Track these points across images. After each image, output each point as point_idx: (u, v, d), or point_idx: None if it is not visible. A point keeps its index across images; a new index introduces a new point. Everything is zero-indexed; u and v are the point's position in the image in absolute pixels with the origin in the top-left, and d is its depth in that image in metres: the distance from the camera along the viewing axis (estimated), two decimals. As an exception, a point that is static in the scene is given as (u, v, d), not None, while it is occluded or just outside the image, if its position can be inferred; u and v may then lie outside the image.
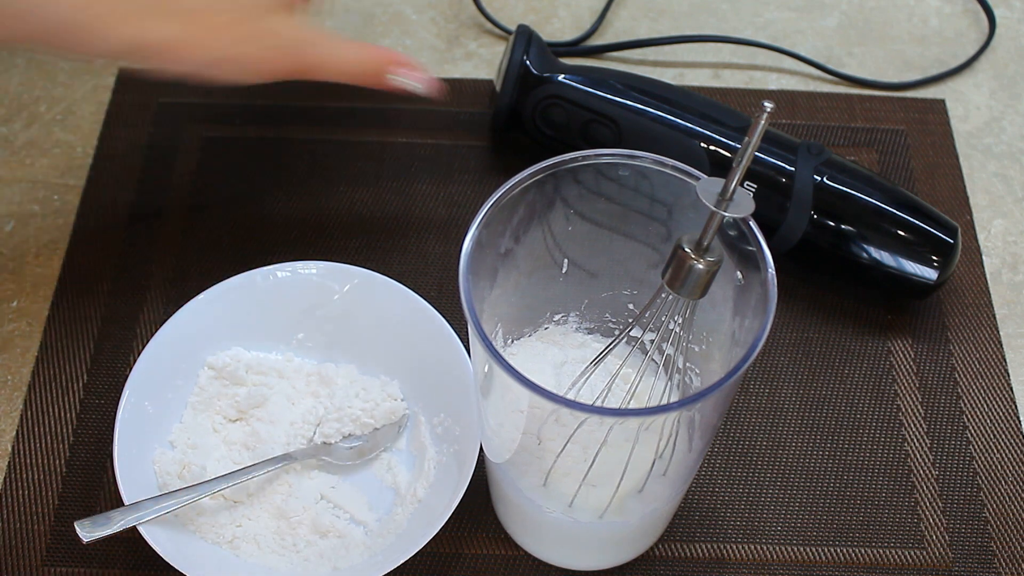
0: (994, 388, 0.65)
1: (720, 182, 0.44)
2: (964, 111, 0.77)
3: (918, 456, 0.62)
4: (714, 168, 0.65)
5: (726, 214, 0.44)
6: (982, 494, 0.61)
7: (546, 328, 0.57)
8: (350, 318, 0.62)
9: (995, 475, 0.62)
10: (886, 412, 0.64)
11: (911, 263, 0.64)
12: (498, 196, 0.47)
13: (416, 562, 0.55)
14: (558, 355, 0.56)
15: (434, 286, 0.66)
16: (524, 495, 0.53)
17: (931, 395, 0.64)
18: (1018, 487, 0.61)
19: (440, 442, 0.60)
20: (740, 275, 0.47)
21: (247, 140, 0.74)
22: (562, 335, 0.57)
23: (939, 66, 0.79)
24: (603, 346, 0.54)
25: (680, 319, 0.48)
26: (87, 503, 0.60)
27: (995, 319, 0.67)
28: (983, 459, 0.62)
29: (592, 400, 0.53)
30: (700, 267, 0.46)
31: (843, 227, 0.64)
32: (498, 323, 0.53)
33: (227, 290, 0.61)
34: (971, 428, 0.63)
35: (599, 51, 0.79)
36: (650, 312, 0.49)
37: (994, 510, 0.61)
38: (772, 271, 0.45)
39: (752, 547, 0.59)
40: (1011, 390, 0.65)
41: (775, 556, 0.59)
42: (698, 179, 0.47)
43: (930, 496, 0.61)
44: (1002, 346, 0.66)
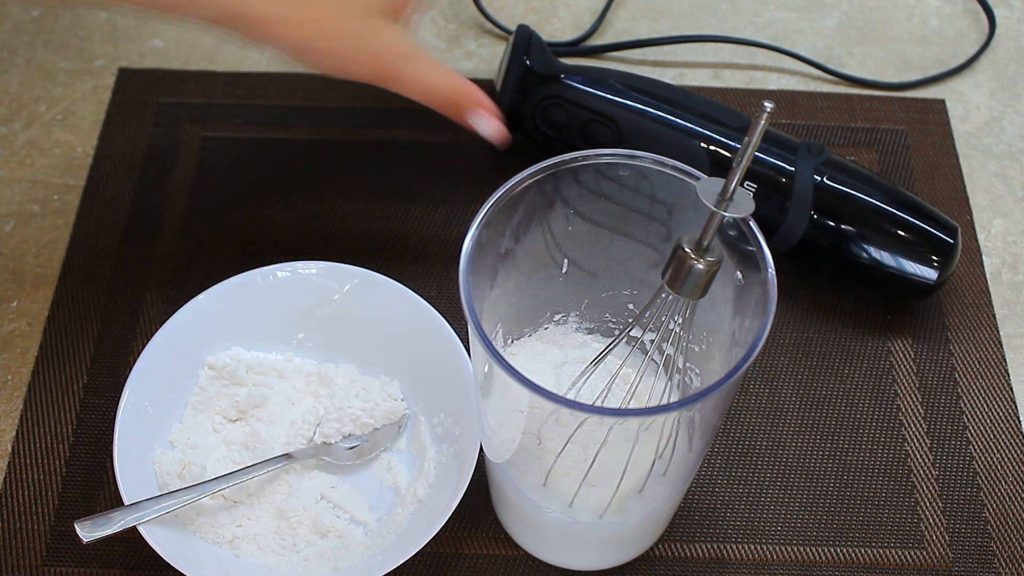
0: (994, 388, 0.65)
1: (720, 182, 0.44)
2: (964, 111, 0.77)
3: (918, 456, 0.62)
4: (714, 168, 0.65)
5: (726, 214, 0.44)
6: (982, 494, 0.61)
7: (546, 328, 0.57)
8: (350, 318, 0.62)
9: (995, 475, 0.62)
10: (886, 412, 0.64)
11: (911, 263, 0.64)
12: (498, 196, 0.47)
13: (416, 562, 0.55)
14: (558, 355, 0.56)
15: (434, 286, 0.66)
16: (524, 495, 0.53)
17: (931, 395, 0.64)
18: (1018, 487, 0.61)
19: (440, 442, 0.60)
20: (740, 275, 0.47)
21: (247, 140, 0.74)
22: (562, 335, 0.57)
23: (939, 66, 0.79)
24: (603, 346, 0.54)
25: (680, 319, 0.48)
26: (87, 503, 0.60)
27: (995, 319, 0.67)
28: (983, 459, 0.62)
29: (592, 400, 0.53)
30: (700, 267, 0.46)
31: (843, 227, 0.64)
32: (498, 323, 0.53)
33: (227, 290, 0.61)
34: (971, 428, 0.63)
35: (599, 51, 0.79)
36: (650, 312, 0.49)
37: (994, 510, 0.61)
38: (772, 271, 0.45)
39: (752, 547, 0.59)
40: (1011, 390, 0.65)
41: (775, 556, 0.59)
42: (698, 179, 0.47)
43: (930, 496, 0.61)
44: (1002, 346, 0.66)
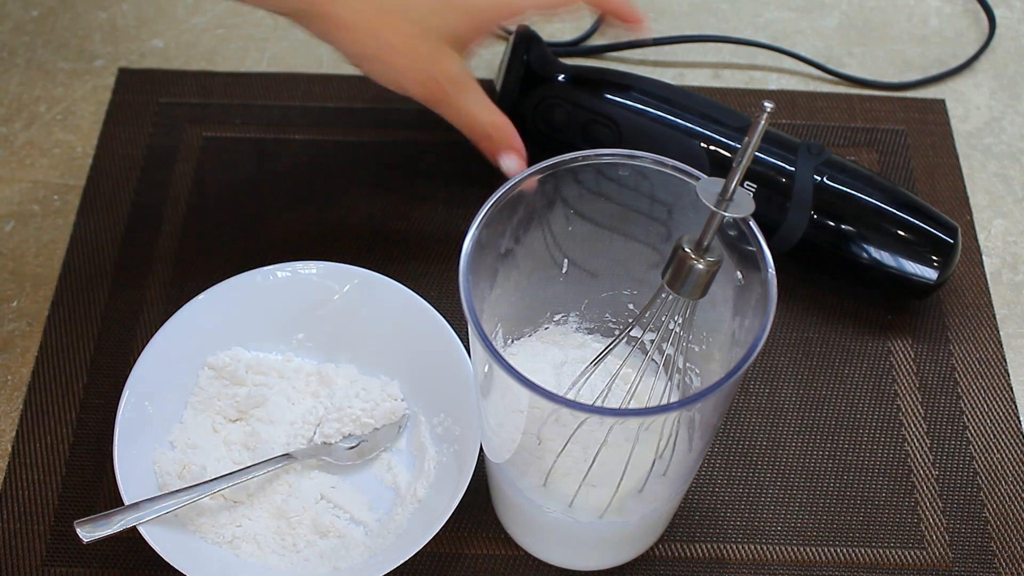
0: (994, 388, 0.65)
1: (720, 182, 0.44)
2: (964, 111, 0.77)
3: (918, 456, 0.62)
4: (714, 168, 0.64)
5: (726, 214, 0.44)
6: (982, 494, 0.61)
7: (546, 328, 0.57)
8: (350, 318, 0.62)
9: (995, 475, 0.62)
10: (886, 412, 0.64)
11: (911, 263, 0.64)
12: (498, 196, 0.47)
13: (416, 562, 0.55)
14: (558, 355, 0.56)
15: (434, 286, 0.66)
16: (524, 495, 0.53)
17: (931, 395, 0.64)
18: (1018, 487, 0.61)
19: (440, 442, 0.60)
20: (740, 275, 0.47)
21: (247, 140, 0.74)
22: (562, 335, 0.57)
23: (939, 66, 0.79)
24: (603, 346, 0.54)
25: (680, 319, 0.48)
26: (87, 503, 0.60)
27: (995, 319, 0.67)
28: (983, 459, 0.62)
29: (592, 400, 0.53)
30: (700, 267, 0.46)
31: (843, 227, 0.64)
32: (498, 323, 0.53)
33: (227, 290, 0.61)
34: (971, 428, 0.63)
35: (599, 51, 0.79)
36: (650, 312, 0.49)
37: (994, 510, 0.61)
38: (772, 271, 0.45)
39: (752, 547, 0.59)
40: (1011, 390, 0.65)
41: (775, 556, 0.59)
42: (698, 179, 0.47)
43: (930, 496, 0.61)
44: (1002, 346, 0.66)
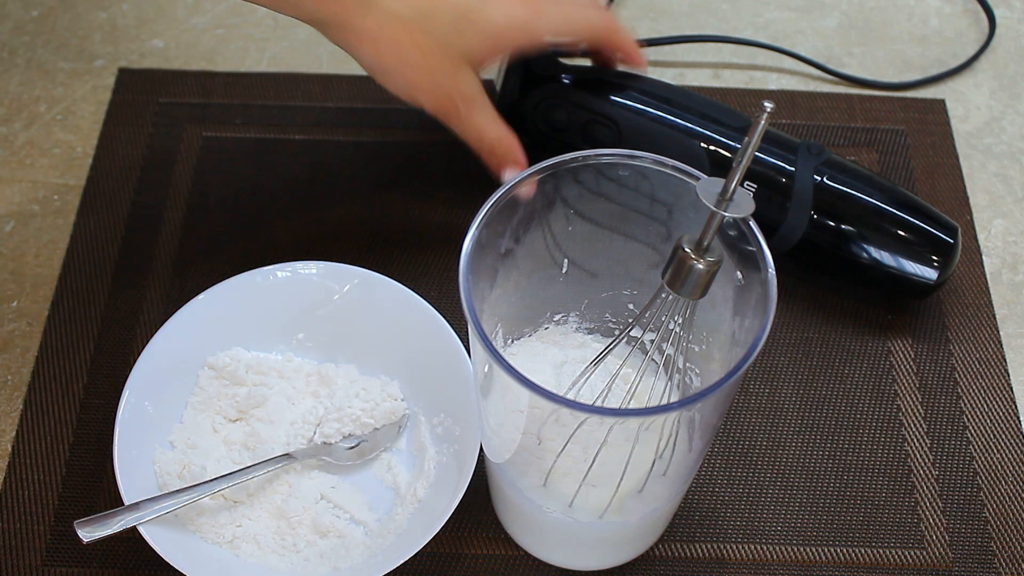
0: (994, 388, 0.65)
1: (720, 182, 0.44)
2: (964, 111, 0.77)
3: (918, 456, 0.62)
4: (714, 168, 0.64)
5: (726, 214, 0.44)
6: (982, 494, 0.61)
7: (546, 328, 0.57)
8: (350, 318, 0.62)
9: (995, 475, 0.62)
10: (886, 412, 0.64)
11: (911, 263, 0.64)
12: (498, 196, 0.47)
13: (416, 562, 0.55)
14: (558, 355, 0.56)
15: (434, 286, 0.66)
16: (524, 495, 0.53)
17: (931, 395, 0.64)
18: (1018, 487, 0.61)
19: (440, 442, 0.60)
20: (740, 275, 0.47)
21: (247, 140, 0.74)
22: (562, 335, 0.57)
23: (939, 66, 0.79)
24: (603, 346, 0.54)
25: (680, 319, 0.48)
26: (87, 503, 0.60)
27: (995, 319, 0.67)
28: (983, 459, 0.62)
29: (592, 400, 0.53)
30: (700, 267, 0.46)
31: (843, 227, 0.64)
32: (498, 323, 0.53)
33: (227, 290, 0.61)
34: (971, 428, 0.63)
35: (599, 51, 0.79)
36: (650, 312, 0.49)
37: (994, 510, 0.61)
38: (772, 271, 0.45)
39: (752, 547, 0.59)
40: (1011, 390, 0.65)
41: (775, 556, 0.59)
42: (698, 179, 0.47)
43: (930, 496, 0.61)
44: (1002, 346, 0.66)
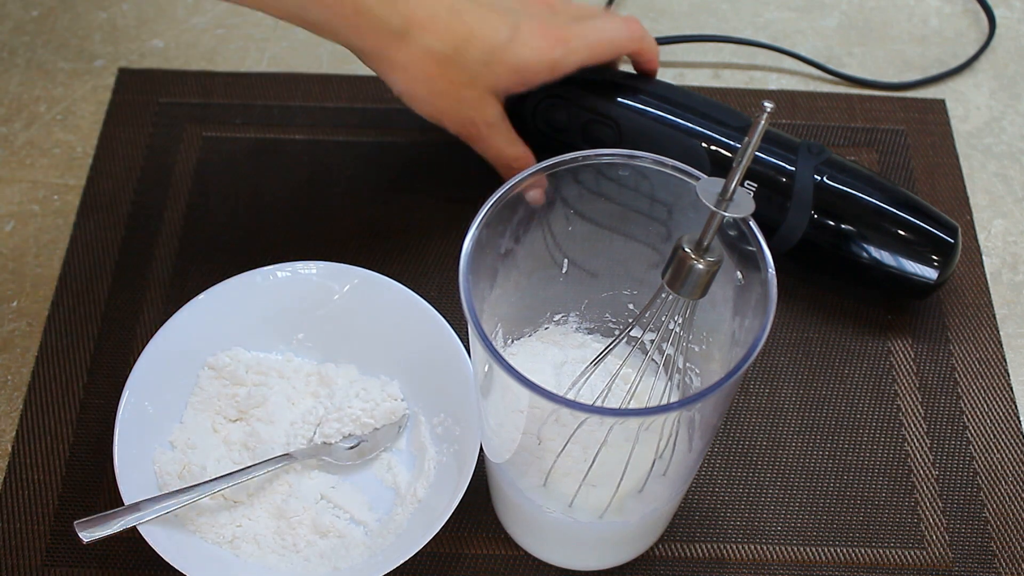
0: (994, 388, 0.65)
1: (720, 182, 0.44)
2: (964, 111, 0.77)
3: (918, 456, 0.62)
4: (714, 168, 0.64)
5: (726, 214, 0.44)
6: (982, 494, 0.61)
7: (546, 328, 0.57)
8: (350, 318, 0.62)
9: (995, 475, 0.62)
10: (886, 412, 0.64)
11: (911, 263, 0.63)
12: (498, 196, 0.47)
13: (416, 562, 0.55)
14: (558, 355, 0.56)
15: (434, 286, 0.66)
16: (524, 495, 0.53)
17: (931, 395, 0.64)
18: (1018, 487, 0.61)
19: (440, 442, 0.60)
20: (740, 275, 0.47)
21: (247, 140, 0.74)
22: (562, 335, 0.57)
23: (939, 66, 0.79)
24: (603, 346, 0.54)
25: (680, 319, 0.48)
26: (87, 503, 0.60)
27: (995, 319, 0.67)
28: (983, 459, 0.62)
29: (592, 400, 0.53)
30: (700, 267, 0.46)
31: (843, 227, 0.64)
32: (498, 323, 0.53)
33: (227, 290, 0.61)
34: (971, 428, 0.63)
35: (599, 51, 0.78)
36: (650, 312, 0.49)
37: (994, 510, 0.61)
38: (772, 271, 0.45)
39: (752, 547, 0.59)
40: (1011, 390, 0.65)
41: (775, 556, 0.59)
42: (698, 179, 0.47)
43: (930, 496, 0.61)
44: (1002, 346, 0.66)
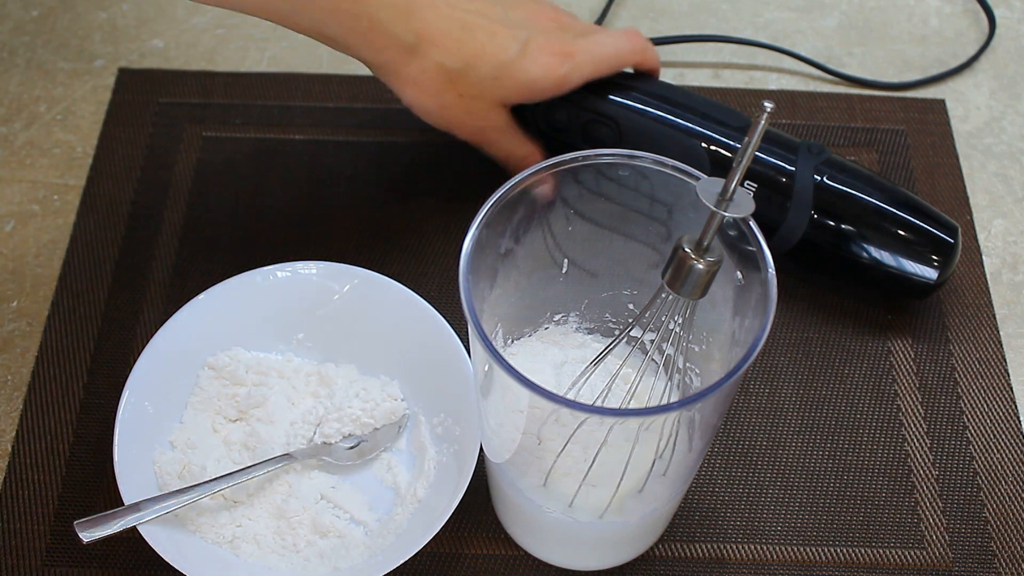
0: (994, 388, 0.65)
1: (720, 182, 0.44)
2: (964, 111, 0.77)
3: (918, 456, 0.62)
4: (714, 168, 0.64)
5: (726, 214, 0.44)
6: (982, 494, 0.61)
7: (546, 328, 0.57)
8: (350, 318, 0.62)
9: (995, 475, 0.62)
10: (886, 412, 0.64)
11: (911, 263, 0.63)
12: (498, 196, 0.47)
13: (416, 562, 0.55)
14: (558, 355, 0.56)
15: (434, 286, 0.66)
16: (524, 495, 0.53)
17: (931, 395, 0.64)
18: (1018, 487, 0.61)
19: (440, 442, 0.60)
20: (740, 275, 0.47)
21: (247, 140, 0.74)
22: (562, 335, 0.57)
23: (939, 66, 0.79)
24: (603, 346, 0.54)
25: (680, 319, 0.48)
26: (87, 503, 0.60)
27: (995, 319, 0.67)
28: (983, 459, 0.62)
29: (592, 400, 0.53)
30: (700, 267, 0.46)
31: (843, 227, 0.64)
32: (498, 323, 0.53)
33: (227, 290, 0.61)
34: (971, 428, 0.63)
35: (599, 51, 0.78)
36: (650, 312, 0.49)
37: (994, 510, 0.61)
38: (772, 271, 0.45)
39: (752, 547, 0.59)
40: (1011, 390, 0.65)
41: (775, 556, 0.59)
42: (698, 179, 0.47)
43: (930, 496, 0.61)
44: (1002, 346, 0.66)
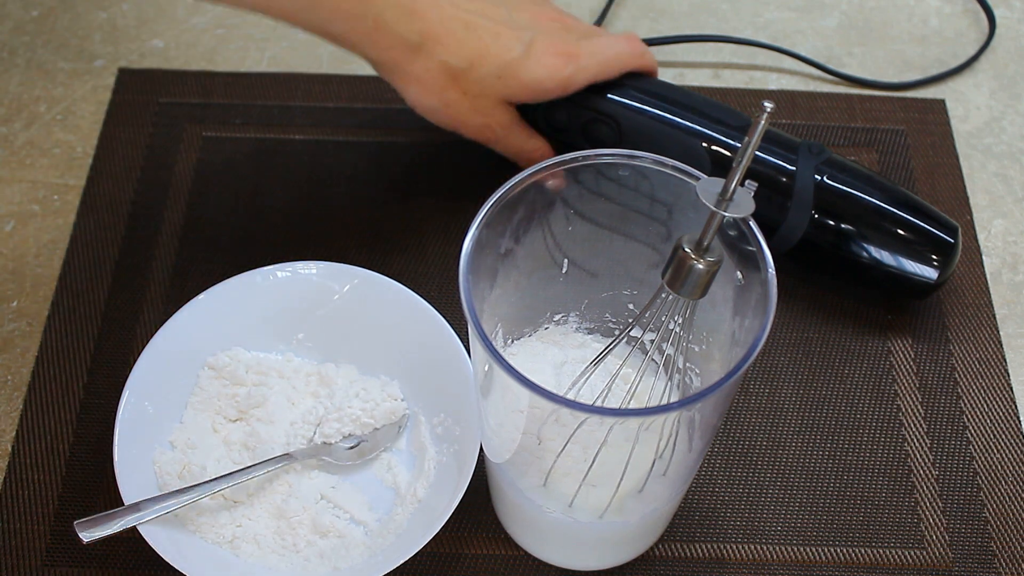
0: (994, 388, 0.65)
1: (720, 182, 0.44)
2: (964, 111, 0.77)
3: (918, 456, 0.62)
4: (715, 167, 0.64)
5: (726, 214, 0.44)
6: (982, 494, 0.61)
7: (546, 328, 0.57)
8: (350, 318, 0.62)
9: (995, 475, 0.62)
10: (886, 412, 0.64)
11: (911, 262, 0.63)
12: (498, 196, 0.47)
13: (416, 562, 0.55)
14: (558, 355, 0.56)
15: (434, 286, 0.66)
16: (524, 495, 0.53)
17: (931, 395, 0.64)
18: (1018, 487, 0.61)
19: (440, 442, 0.60)
20: (740, 275, 0.47)
21: (247, 140, 0.74)
22: (562, 335, 0.57)
23: (939, 66, 0.79)
24: (603, 346, 0.54)
25: (680, 319, 0.48)
26: (87, 503, 0.60)
27: (995, 319, 0.67)
28: (983, 459, 0.62)
29: (592, 400, 0.53)
30: (700, 267, 0.46)
31: (844, 226, 0.64)
32: (498, 323, 0.53)
33: (227, 290, 0.61)
34: (971, 428, 0.63)
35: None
36: (650, 312, 0.49)
37: (994, 510, 0.61)
38: (772, 271, 0.45)
39: (752, 547, 0.59)
40: (1011, 390, 0.65)
41: (775, 556, 0.59)
42: (698, 179, 0.47)
43: (930, 496, 0.61)
44: (1002, 346, 0.66)
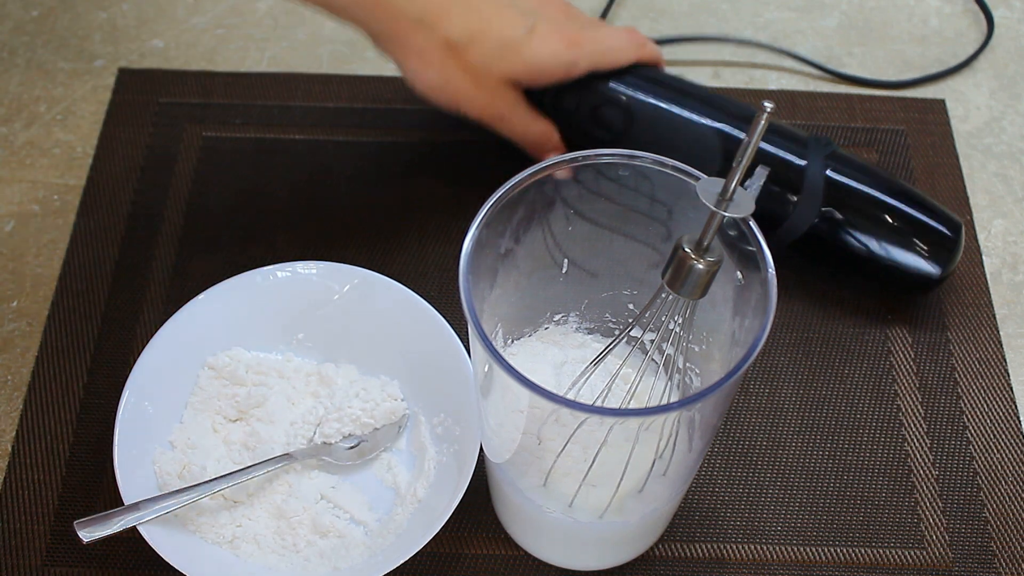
0: (994, 388, 0.65)
1: (720, 182, 0.44)
2: (964, 111, 0.77)
3: (918, 456, 0.62)
4: (726, 157, 0.64)
5: (726, 214, 0.44)
6: (982, 494, 0.61)
7: (546, 328, 0.57)
8: (350, 318, 0.62)
9: (995, 475, 0.62)
10: (886, 412, 0.64)
11: (914, 256, 0.63)
12: (498, 196, 0.47)
13: (416, 562, 0.55)
14: (558, 355, 0.56)
15: (434, 286, 0.66)
16: (524, 495, 0.53)
17: (931, 395, 0.64)
18: (1018, 487, 0.61)
19: (440, 442, 0.60)
20: (740, 275, 0.47)
21: (247, 140, 0.74)
22: (562, 335, 0.57)
23: (939, 66, 0.79)
24: (603, 346, 0.54)
25: (680, 319, 0.48)
26: (87, 503, 0.60)
27: (995, 319, 0.67)
28: (983, 459, 0.62)
29: (592, 400, 0.53)
30: (700, 267, 0.46)
31: (848, 219, 0.64)
32: (498, 323, 0.53)
33: (227, 290, 0.61)
34: (971, 428, 0.63)
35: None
36: (650, 312, 0.49)
37: (994, 510, 0.61)
38: (772, 271, 0.45)
39: (752, 547, 0.59)
40: (1011, 390, 0.65)
41: (775, 556, 0.59)
42: (698, 179, 0.47)
43: (930, 496, 0.61)
44: (1002, 346, 0.66)
